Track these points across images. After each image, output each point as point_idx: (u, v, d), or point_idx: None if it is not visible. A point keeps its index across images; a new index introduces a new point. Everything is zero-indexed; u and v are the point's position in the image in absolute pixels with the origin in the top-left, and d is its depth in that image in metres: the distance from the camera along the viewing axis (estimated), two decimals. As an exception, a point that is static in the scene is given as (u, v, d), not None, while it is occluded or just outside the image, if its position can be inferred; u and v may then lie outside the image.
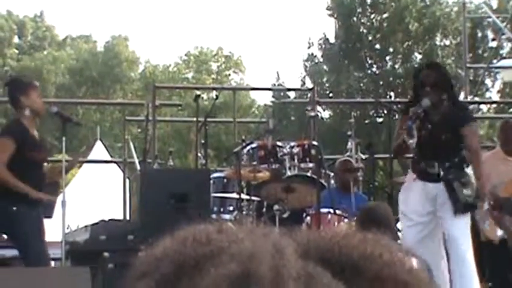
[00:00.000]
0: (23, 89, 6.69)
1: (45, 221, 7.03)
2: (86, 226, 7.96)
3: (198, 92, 9.24)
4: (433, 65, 7.29)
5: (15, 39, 43.55)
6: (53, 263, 7.31)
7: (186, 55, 42.66)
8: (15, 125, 6.74)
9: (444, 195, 6.32)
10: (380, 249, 0.77)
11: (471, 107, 11.46)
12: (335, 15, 29.73)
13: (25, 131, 6.59)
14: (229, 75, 42.88)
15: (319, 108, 11.04)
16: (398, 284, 0.75)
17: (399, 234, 6.61)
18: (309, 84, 29.03)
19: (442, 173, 6.33)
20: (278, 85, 31.20)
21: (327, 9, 30.01)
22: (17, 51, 42.48)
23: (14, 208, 6.44)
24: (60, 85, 39.35)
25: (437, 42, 29.99)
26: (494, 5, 27.96)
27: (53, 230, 7.51)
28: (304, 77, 30.69)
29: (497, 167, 7.38)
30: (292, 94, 30.14)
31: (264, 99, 44.58)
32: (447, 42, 30.11)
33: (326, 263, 0.74)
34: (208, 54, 42.76)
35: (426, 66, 6.95)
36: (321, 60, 30.48)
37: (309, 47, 30.78)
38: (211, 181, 8.06)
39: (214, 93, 18.43)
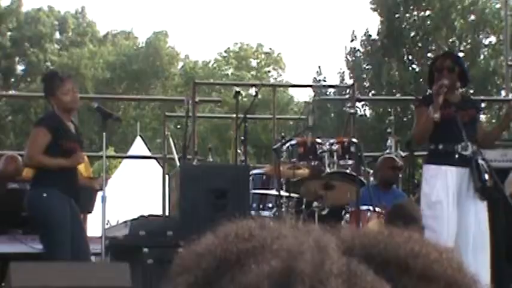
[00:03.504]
0: (50, 90, 6.75)
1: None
2: (125, 222, 7.99)
3: (237, 89, 9.24)
4: (450, 53, 7.52)
5: (57, 35, 43.97)
6: (92, 258, 7.36)
7: (225, 51, 42.76)
8: (49, 115, 6.89)
9: (468, 180, 6.30)
10: (427, 247, 0.76)
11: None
12: (378, 10, 29.53)
13: (59, 121, 6.67)
14: (269, 71, 42.90)
15: (358, 104, 10.99)
16: (447, 282, 0.74)
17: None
18: (347, 79, 28.94)
19: (472, 155, 6.32)
20: (319, 80, 31.10)
21: (371, 3, 29.85)
22: (58, 47, 42.88)
23: (44, 194, 6.50)
24: (99, 80, 39.65)
25: (482, 40, 29.75)
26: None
27: (93, 225, 7.58)
28: (343, 73, 30.57)
29: None
30: (332, 90, 30.05)
31: (303, 96, 44.51)
32: (492, 39, 29.84)
33: (370, 260, 0.74)
34: (248, 51, 42.80)
35: (445, 54, 7.20)
36: (362, 55, 30.33)
37: (352, 41, 30.60)
38: (251, 178, 8.06)
39: (253, 90, 18.43)
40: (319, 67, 45.19)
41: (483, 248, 6.33)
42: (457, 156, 6.31)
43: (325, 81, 31.49)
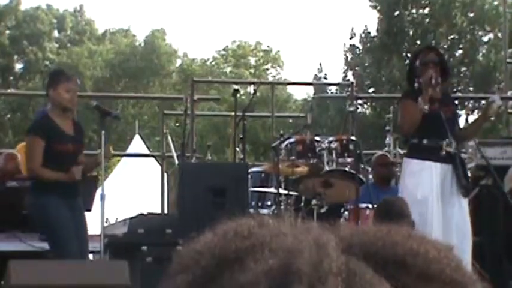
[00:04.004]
0: (52, 83, 6.76)
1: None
2: (124, 220, 8.02)
3: (236, 87, 9.25)
4: (433, 47, 7.53)
5: (55, 33, 43.98)
6: (91, 256, 7.37)
7: (224, 49, 42.78)
8: (41, 120, 6.88)
9: (451, 177, 6.32)
10: (426, 245, 0.76)
11: (511, 102, 11.39)
12: (378, 8, 29.58)
13: (50, 124, 6.67)
14: (268, 69, 42.93)
15: (359, 102, 10.99)
16: (445, 281, 0.74)
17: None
18: (350, 76, 28.97)
19: (455, 151, 6.35)
20: (319, 78, 31.13)
21: (370, 0, 29.88)
22: (56, 45, 42.90)
23: (41, 200, 6.55)
24: (98, 79, 39.69)
25: (481, 37, 29.83)
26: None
27: (91, 224, 7.57)
28: (346, 70, 30.61)
29: None
30: (333, 88, 30.08)
31: (301, 93, 44.59)
32: (492, 36, 29.91)
33: (369, 259, 0.73)
34: (246, 49, 42.83)
35: (428, 48, 7.21)
36: (362, 52, 30.38)
37: (351, 38, 30.65)
38: (249, 176, 8.07)
39: (252, 88, 18.45)
40: (320, 64, 45.35)
41: (465, 236, 6.34)
42: (442, 152, 6.32)
43: (326, 78, 31.54)
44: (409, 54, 29.40)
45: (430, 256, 0.75)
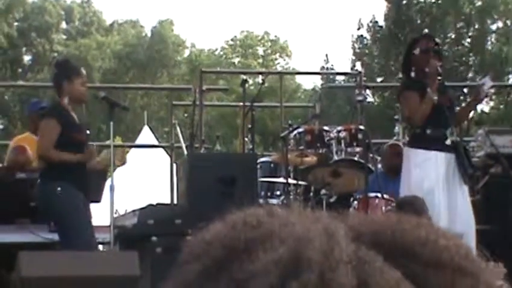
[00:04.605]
0: (67, 75, 6.77)
1: (94, 206, 7.13)
2: (134, 210, 8.03)
3: (244, 77, 9.25)
4: (431, 36, 7.57)
5: (63, 25, 44.09)
6: (101, 247, 7.40)
7: (232, 40, 42.77)
8: (57, 107, 6.88)
9: (454, 165, 6.34)
10: (435, 234, 0.76)
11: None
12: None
13: (66, 113, 6.71)
14: (276, 59, 42.91)
15: (368, 92, 10.99)
16: (455, 269, 0.74)
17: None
18: (358, 67, 28.98)
19: (456, 140, 6.38)
20: (327, 68, 31.13)
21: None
22: (64, 37, 43.00)
23: (59, 188, 6.55)
24: (106, 70, 39.76)
25: (490, 24, 29.78)
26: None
27: (101, 215, 7.61)
28: (355, 60, 30.62)
29: None
30: (342, 77, 30.09)
31: (311, 83, 44.54)
32: (500, 25, 29.86)
33: (379, 247, 0.73)
34: (254, 39, 42.81)
35: (426, 36, 7.22)
36: (370, 42, 30.38)
37: (358, 28, 30.70)
38: (258, 166, 8.11)
39: (260, 78, 18.45)
40: (327, 55, 45.36)
41: (469, 225, 6.37)
42: (447, 141, 6.35)
43: (332, 68, 31.55)
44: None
45: (439, 244, 0.75)
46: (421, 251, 0.74)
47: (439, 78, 6.49)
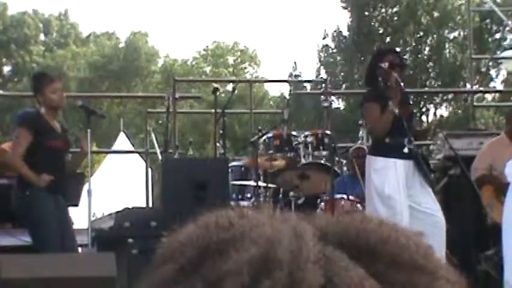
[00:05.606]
0: (39, 87, 6.89)
1: (73, 209, 7.18)
2: (110, 214, 8.09)
3: (215, 85, 9.26)
4: (395, 50, 7.69)
5: (41, 37, 44.07)
6: (79, 249, 7.46)
7: (204, 50, 42.92)
8: (33, 115, 6.99)
9: (413, 170, 6.50)
10: (396, 233, 0.77)
11: (476, 96, 11.69)
12: (348, 8, 30.01)
13: (42, 120, 6.81)
14: (245, 68, 43.10)
15: (334, 98, 11.12)
16: (415, 268, 0.75)
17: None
18: (323, 74, 29.34)
19: (414, 149, 6.53)
20: (295, 75, 31.43)
21: (341, 1, 30.33)
22: (43, 48, 42.94)
23: (27, 192, 6.65)
24: (82, 80, 39.74)
25: (446, 35, 30.33)
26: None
27: (79, 218, 7.63)
28: (319, 68, 31.01)
29: (502, 153, 7.59)
30: (308, 85, 30.38)
31: (277, 90, 44.73)
32: (456, 35, 30.41)
33: (344, 247, 0.75)
34: (224, 49, 42.98)
35: (393, 50, 7.33)
36: (335, 51, 30.80)
37: (323, 38, 31.13)
38: (230, 169, 8.15)
39: (231, 86, 18.67)
40: (295, 63, 45.66)
41: (437, 225, 6.48)
42: (405, 150, 6.47)
43: (300, 76, 31.92)
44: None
45: (400, 243, 0.76)
46: (383, 250, 0.75)
47: (402, 91, 6.63)
